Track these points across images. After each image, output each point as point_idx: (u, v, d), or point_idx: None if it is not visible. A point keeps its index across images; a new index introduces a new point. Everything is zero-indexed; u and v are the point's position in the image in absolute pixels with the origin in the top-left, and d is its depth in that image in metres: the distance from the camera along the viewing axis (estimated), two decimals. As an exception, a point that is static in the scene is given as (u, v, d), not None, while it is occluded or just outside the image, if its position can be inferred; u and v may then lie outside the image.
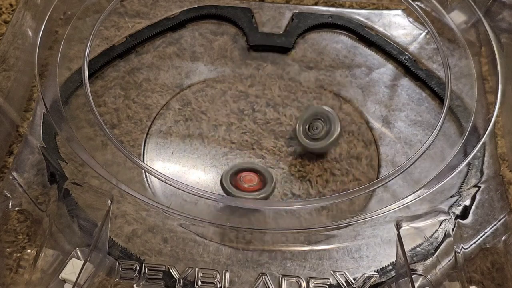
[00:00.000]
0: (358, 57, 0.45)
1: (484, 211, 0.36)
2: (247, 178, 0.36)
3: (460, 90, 0.41)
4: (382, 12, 0.47)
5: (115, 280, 0.33)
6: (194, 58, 0.45)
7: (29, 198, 0.35)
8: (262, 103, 0.42)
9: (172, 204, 0.34)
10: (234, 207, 0.35)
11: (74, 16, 0.42)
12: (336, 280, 0.34)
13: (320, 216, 0.37)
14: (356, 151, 0.40)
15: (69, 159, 0.37)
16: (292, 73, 0.44)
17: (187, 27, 0.46)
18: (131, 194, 0.33)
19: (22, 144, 0.38)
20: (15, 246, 0.34)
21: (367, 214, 0.34)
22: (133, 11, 0.46)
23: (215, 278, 0.33)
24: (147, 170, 0.35)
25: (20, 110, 0.40)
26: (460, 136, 0.38)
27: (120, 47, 0.44)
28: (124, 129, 0.40)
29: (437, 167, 0.35)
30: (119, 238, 0.35)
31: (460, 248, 0.34)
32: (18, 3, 0.43)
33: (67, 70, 0.41)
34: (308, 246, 0.35)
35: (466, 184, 0.37)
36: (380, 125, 0.41)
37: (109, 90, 0.42)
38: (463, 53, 0.42)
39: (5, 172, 0.37)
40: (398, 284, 0.33)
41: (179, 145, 0.40)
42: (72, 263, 0.32)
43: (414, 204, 0.35)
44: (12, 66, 0.40)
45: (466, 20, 0.43)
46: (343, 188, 0.38)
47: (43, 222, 0.34)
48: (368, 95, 0.43)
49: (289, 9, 0.47)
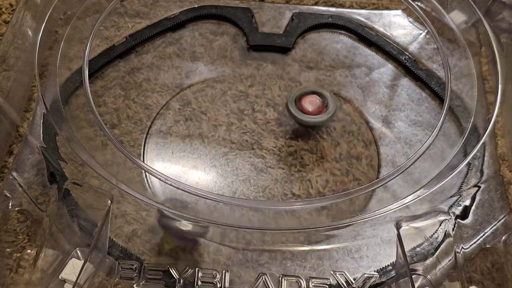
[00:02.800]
0: (358, 57, 0.45)
1: (484, 211, 0.36)
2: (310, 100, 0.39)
3: (460, 90, 0.41)
4: (382, 12, 0.47)
5: (115, 280, 0.33)
6: (194, 58, 0.45)
7: (29, 198, 0.35)
8: (262, 103, 0.42)
9: (172, 204, 0.34)
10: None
11: (74, 16, 0.42)
12: (336, 280, 0.34)
13: (320, 216, 0.37)
14: (356, 151, 0.40)
15: (69, 159, 0.37)
16: (292, 73, 0.44)
17: (187, 27, 0.46)
18: (131, 194, 0.33)
19: (22, 144, 0.38)
20: (15, 246, 0.34)
21: (367, 214, 0.34)
22: (133, 11, 0.46)
23: (215, 278, 0.33)
24: (147, 170, 0.35)
25: (20, 110, 0.40)
26: (460, 136, 0.38)
27: (120, 47, 0.44)
28: (124, 129, 0.40)
29: (437, 167, 0.36)
30: (119, 238, 0.35)
31: (460, 248, 0.34)
32: (18, 3, 0.43)
33: (67, 70, 0.41)
34: (308, 246, 0.35)
35: (466, 184, 0.37)
36: (380, 125, 0.41)
37: (109, 90, 0.42)
38: (463, 53, 0.42)
39: (5, 172, 0.37)
40: (398, 284, 0.33)
41: (179, 145, 0.40)
42: (72, 263, 0.32)
43: (414, 204, 0.35)
44: (12, 66, 0.40)
45: (466, 20, 0.43)
46: (343, 188, 0.38)
47: (43, 222, 0.34)
48: (368, 95, 0.43)
49: (289, 9, 0.47)
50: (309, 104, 0.39)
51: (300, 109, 0.39)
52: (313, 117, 0.39)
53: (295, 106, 0.39)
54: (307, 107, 0.39)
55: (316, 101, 0.39)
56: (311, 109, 0.39)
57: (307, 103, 0.39)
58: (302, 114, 0.39)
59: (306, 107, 0.39)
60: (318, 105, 0.39)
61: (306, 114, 0.39)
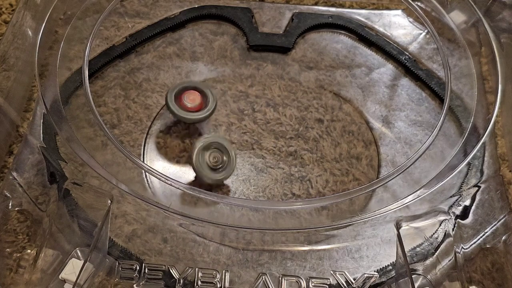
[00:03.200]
0: (358, 57, 0.45)
1: (484, 211, 0.36)
2: (190, 97, 0.38)
3: (460, 90, 0.41)
4: (382, 12, 0.48)
5: (115, 280, 0.33)
6: (194, 58, 0.45)
7: (29, 198, 0.35)
8: (262, 103, 0.42)
9: (172, 204, 0.34)
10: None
11: (74, 16, 0.42)
12: (336, 280, 0.34)
13: (320, 216, 0.37)
14: (356, 151, 0.40)
15: (69, 159, 0.37)
16: (292, 73, 0.44)
17: (187, 27, 0.46)
18: (131, 194, 0.33)
19: (22, 144, 0.38)
20: (15, 246, 0.34)
21: (367, 214, 0.34)
22: (133, 11, 0.46)
23: (215, 278, 0.33)
24: (147, 170, 0.35)
25: (20, 110, 0.40)
26: (460, 136, 0.38)
27: (120, 47, 0.44)
28: (124, 129, 0.40)
29: (437, 167, 0.36)
30: (119, 238, 0.35)
31: (460, 248, 0.34)
32: (18, 3, 0.43)
33: (67, 70, 0.41)
34: (308, 246, 0.35)
35: (466, 184, 0.37)
36: (380, 125, 0.41)
37: (109, 90, 0.42)
38: (463, 53, 0.42)
39: (5, 172, 0.37)
40: (398, 284, 0.33)
41: (179, 145, 0.40)
42: (72, 263, 0.32)
43: (414, 204, 0.35)
44: (12, 66, 0.40)
45: (466, 20, 0.43)
46: (343, 188, 0.38)
47: (43, 222, 0.34)
48: (368, 95, 0.43)
49: (289, 9, 0.47)
50: (188, 101, 0.39)
51: (180, 105, 0.39)
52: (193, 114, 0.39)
53: (174, 102, 0.39)
54: (186, 104, 0.39)
55: (196, 98, 0.39)
56: (190, 105, 0.39)
57: (187, 99, 0.39)
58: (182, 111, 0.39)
59: (185, 104, 0.39)
60: (198, 102, 0.39)
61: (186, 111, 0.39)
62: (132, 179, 0.37)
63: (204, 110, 0.39)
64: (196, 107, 0.39)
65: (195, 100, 0.39)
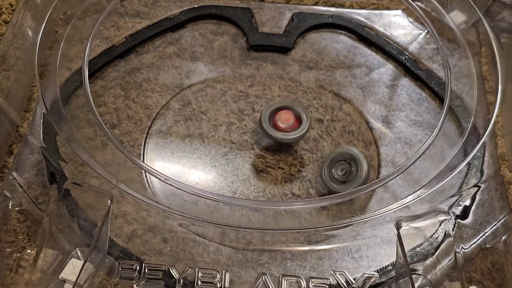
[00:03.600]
0: (358, 57, 0.45)
1: (484, 211, 0.36)
2: (283, 117, 0.38)
3: (460, 90, 0.41)
4: (382, 12, 0.47)
5: (115, 280, 0.33)
6: (194, 58, 0.45)
7: (29, 198, 0.35)
8: (262, 103, 0.42)
9: (172, 204, 0.34)
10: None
11: (74, 16, 0.42)
12: (336, 280, 0.34)
13: (320, 216, 0.37)
14: (356, 151, 0.40)
15: (69, 159, 0.37)
16: (292, 73, 0.44)
17: (187, 27, 0.46)
18: (131, 194, 0.33)
19: (22, 144, 0.38)
20: (15, 246, 0.34)
21: (367, 214, 0.34)
22: (133, 11, 0.46)
23: (215, 278, 0.33)
24: (147, 170, 0.35)
25: (20, 110, 0.40)
26: (460, 136, 0.38)
27: (120, 47, 0.44)
28: (124, 129, 0.40)
29: (437, 167, 0.35)
30: (119, 238, 0.35)
31: (460, 248, 0.34)
32: (18, 3, 0.43)
33: (67, 70, 0.41)
34: (308, 246, 0.35)
35: (466, 184, 0.37)
36: (380, 125, 0.41)
37: (109, 90, 0.42)
38: (463, 53, 0.42)
39: (5, 172, 0.37)
40: (398, 284, 0.33)
41: (179, 145, 0.40)
42: (72, 263, 0.32)
43: (414, 204, 0.35)
44: (12, 66, 0.40)
45: (466, 20, 0.43)
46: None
47: (43, 222, 0.34)
48: (368, 95, 0.43)
49: (289, 9, 0.47)
50: (282, 122, 0.38)
51: (274, 126, 0.38)
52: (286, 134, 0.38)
53: (268, 122, 0.38)
54: (280, 124, 0.38)
55: (290, 118, 0.38)
56: (284, 126, 0.38)
57: (281, 120, 0.38)
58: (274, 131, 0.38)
59: (279, 124, 0.38)
60: (292, 122, 0.38)
61: (279, 131, 0.38)
62: (132, 179, 0.37)
63: (298, 130, 0.38)
64: (289, 127, 0.38)
65: (289, 119, 0.38)
